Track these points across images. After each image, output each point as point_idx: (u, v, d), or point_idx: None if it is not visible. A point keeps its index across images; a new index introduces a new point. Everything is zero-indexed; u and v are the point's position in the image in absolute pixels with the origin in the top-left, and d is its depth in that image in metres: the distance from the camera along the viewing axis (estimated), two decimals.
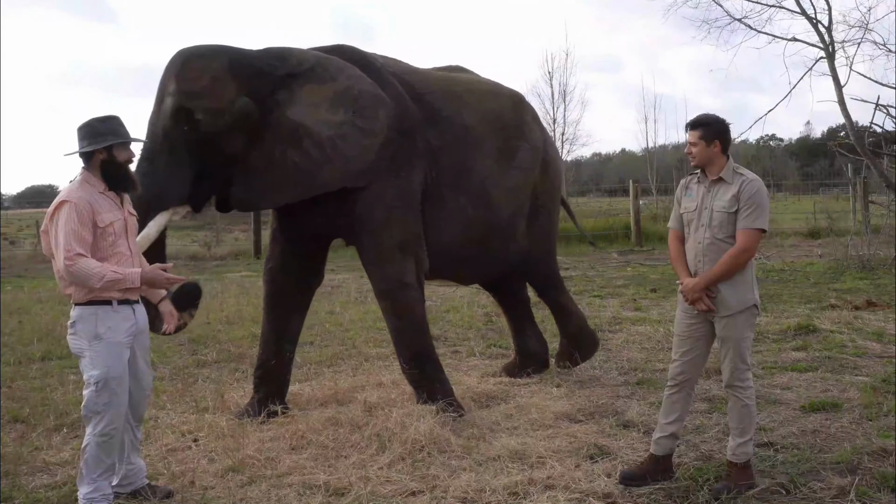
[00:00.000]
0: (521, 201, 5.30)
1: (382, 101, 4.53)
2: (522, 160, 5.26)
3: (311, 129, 4.35)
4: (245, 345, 6.95)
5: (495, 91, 5.43)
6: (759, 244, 3.41)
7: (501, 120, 5.22)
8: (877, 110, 11.51)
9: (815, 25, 12.98)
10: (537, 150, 5.42)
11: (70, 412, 4.82)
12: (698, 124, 3.50)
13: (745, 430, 3.45)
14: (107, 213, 3.32)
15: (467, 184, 4.93)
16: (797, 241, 16.41)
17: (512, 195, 5.18)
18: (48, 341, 7.17)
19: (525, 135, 5.34)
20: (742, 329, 3.43)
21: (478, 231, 5.00)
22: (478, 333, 7.30)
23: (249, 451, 3.99)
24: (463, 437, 4.15)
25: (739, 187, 3.41)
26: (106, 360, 3.28)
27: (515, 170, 5.20)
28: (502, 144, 5.16)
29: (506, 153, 5.17)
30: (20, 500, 3.53)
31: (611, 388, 5.23)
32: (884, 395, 4.73)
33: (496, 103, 5.28)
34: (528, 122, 5.47)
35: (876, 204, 14.90)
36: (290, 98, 4.39)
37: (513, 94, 5.59)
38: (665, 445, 3.59)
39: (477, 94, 5.22)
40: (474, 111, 5.07)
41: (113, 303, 3.31)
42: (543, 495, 3.39)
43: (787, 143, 56.73)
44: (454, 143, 4.90)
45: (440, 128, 4.86)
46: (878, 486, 3.38)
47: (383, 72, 4.74)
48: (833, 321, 7.17)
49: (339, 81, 4.48)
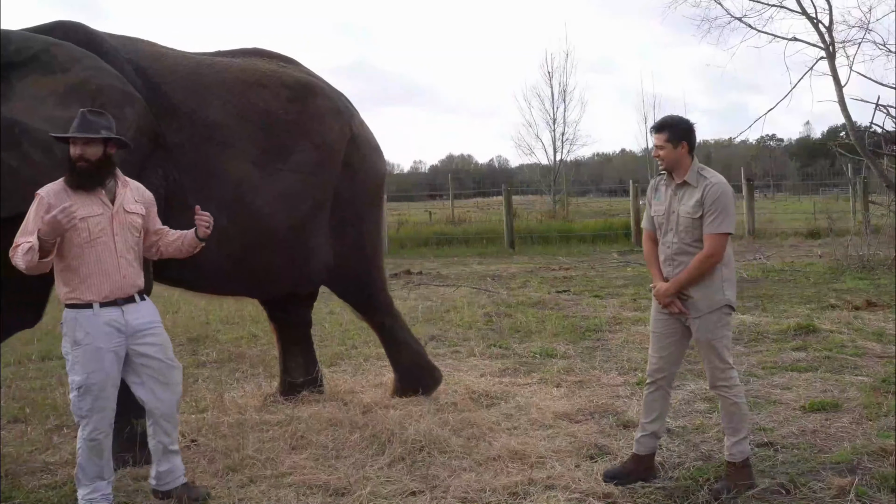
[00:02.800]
0: (305, 210, 4.54)
1: (130, 98, 3.93)
2: (299, 162, 4.49)
3: (31, 127, 3.64)
4: (244, 345, 6.95)
5: (266, 82, 4.56)
6: (725, 247, 3.41)
7: (268, 115, 4.46)
8: (877, 110, 11.53)
9: (815, 25, 13.01)
10: (328, 151, 4.64)
11: (70, 412, 4.81)
12: (664, 127, 3.49)
13: (738, 428, 3.46)
14: (83, 208, 3.20)
15: (217, 190, 4.20)
16: (797, 241, 16.41)
17: (286, 203, 4.43)
18: (48, 341, 7.16)
19: (307, 133, 4.56)
20: (715, 329, 3.44)
21: (238, 244, 4.28)
22: (478, 333, 7.30)
23: (249, 451, 3.99)
24: (463, 437, 4.16)
25: (703, 191, 3.40)
26: (85, 366, 3.22)
27: (288, 173, 4.45)
28: (268, 144, 4.42)
29: (273, 154, 4.43)
30: (20, 500, 3.54)
31: (611, 388, 5.22)
32: (884, 395, 4.72)
33: (263, 96, 4.49)
34: (314, 117, 4.63)
35: (876, 204, 14.90)
36: (9, 92, 3.71)
37: (295, 85, 4.66)
38: (647, 445, 3.61)
39: (235, 85, 4.44)
40: (226, 105, 4.34)
41: (94, 306, 3.23)
42: (543, 495, 3.39)
43: (787, 143, 56.76)
44: (195, 142, 4.21)
45: (178, 123, 4.18)
46: (877, 486, 3.38)
47: (114, 56, 4.08)
48: (833, 321, 7.17)
49: (72, 73, 3.84)
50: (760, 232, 17.31)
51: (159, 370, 3.38)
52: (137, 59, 4.22)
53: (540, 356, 6.26)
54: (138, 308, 3.37)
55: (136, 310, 3.35)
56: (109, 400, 3.27)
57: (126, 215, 3.35)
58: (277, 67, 4.75)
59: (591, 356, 6.19)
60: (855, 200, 17.84)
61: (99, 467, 3.30)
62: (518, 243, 17.21)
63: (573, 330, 7.25)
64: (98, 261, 3.25)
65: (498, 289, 10.40)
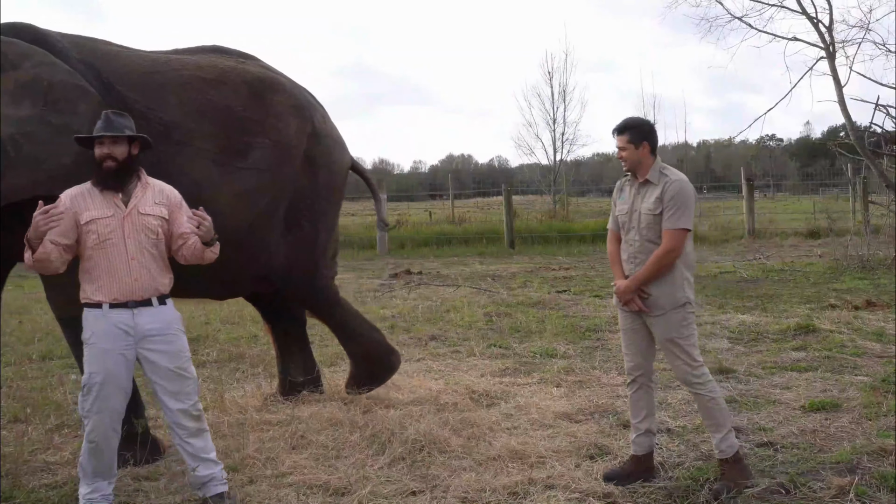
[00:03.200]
0: (261, 207, 4.47)
1: (84, 93, 3.88)
2: (259, 159, 4.43)
3: None
4: (244, 345, 6.95)
5: (225, 78, 4.48)
6: (684, 243, 3.43)
7: (227, 113, 4.38)
8: (877, 110, 11.50)
9: (815, 25, 12.99)
10: (287, 147, 4.57)
11: (70, 412, 4.82)
12: (625, 129, 3.53)
13: (721, 423, 3.46)
14: (92, 210, 3.24)
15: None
16: (797, 241, 16.41)
17: (243, 201, 4.36)
18: (48, 341, 7.18)
19: (266, 130, 4.49)
20: (680, 328, 3.45)
21: None
22: (478, 333, 7.30)
23: (249, 451, 3.99)
24: (463, 437, 4.16)
25: (663, 188, 3.44)
26: (90, 365, 3.24)
27: (247, 171, 4.39)
28: (226, 142, 4.35)
29: (231, 152, 4.36)
30: (20, 500, 3.54)
31: (611, 388, 5.23)
32: (884, 395, 4.73)
33: (223, 93, 4.41)
34: (275, 114, 4.56)
35: (876, 204, 14.90)
36: None
37: (255, 81, 4.59)
38: (643, 444, 3.62)
39: (193, 83, 4.36)
40: (182, 103, 4.26)
41: (103, 306, 3.24)
42: (543, 495, 3.39)
43: (786, 143, 56.79)
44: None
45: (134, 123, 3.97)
46: (877, 486, 3.38)
47: (65, 56, 4.01)
48: (833, 321, 7.17)
49: (22, 69, 3.78)
50: (760, 232, 17.31)
51: (166, 378, 3.34)
52: (91, 58, 4.14)
53: (540, 356, 6.27)
54: (153, 312, 3.32)
55: (150, 314, 3.31)
56: (110, 401, 3.24)
57: (140, 217, 3.33)
58: (237, 64, 4.67)
59: (591, 356, 6.20)
60: (855, 200, 17.85)
61: (99, 467, 3.29)
62: (518, 243, 17.22)
63: (573, 330, 7.26)
64: (108, 263, 3.26)
65: (498, 289, 10.40)
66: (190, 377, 3.42)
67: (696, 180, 33.65)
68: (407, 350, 6.59)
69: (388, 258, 15.42)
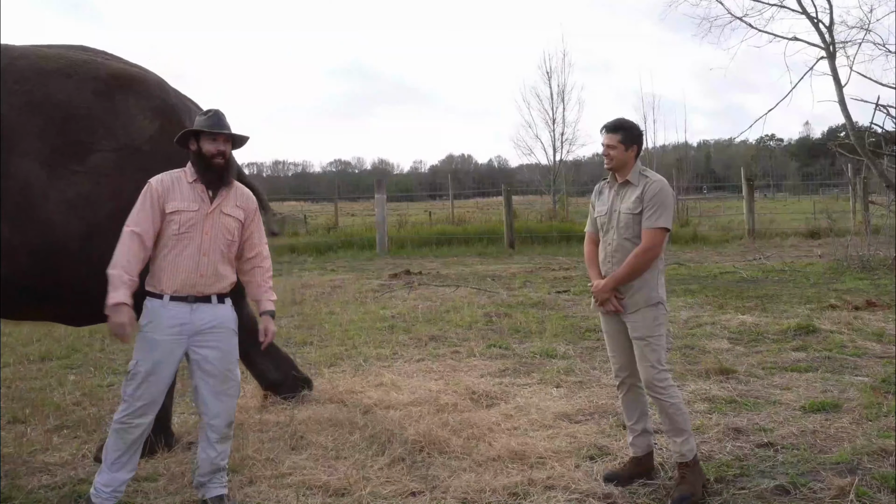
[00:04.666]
0: (102, 218, 3.87)
1: None
2: (99, 163, 3.93)
3: None
4: None
5: (72, 72, 4.04)
6: (663, 243, 3.45)
7: (66, 109, 3.94)
8: (877, 110, 11.53)
9: (815, 25, 13.00)
10: (134, 152, 4.01)
11: (70, 412, 4.82)
12: (619, 128, 3.53)
13: (682, 428, 3.45)
14: (179, 202, 3.27)
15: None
16: (797, 241, 16.42)
17: (76, 209, 3.85)
18: (48, 341, 7.17)
19: (113, 131, 4.00)
20: (652, 327, 3.45)
21: (25, 258, 3.76)
22: (478, 333, 7.30)
23: (249, 451, 3.99)
24: (463, 438, 4.16)
25: (643, 189, 3.46)
26: (139, 352, 3.25)
27: (83, 175, 3.89)
28: (61, 141, 3.89)
29: (67, 154, 3.89)
30: (20, 500, 3.53)
31: (610, 388, 5.22)
32: (884, 395, 4.73)
33: (64, 87, 3.98)
34: (123, 114, 4.06)
35: (876, 204, 14.91)
36: None
37: (108, 78, 4.11)
38: (641, 444, 3.63)
39: (28, 74, 3.94)
40: (15, 98, 3.85)
41: (164, 297, 3.26)
42: (543, 495, 3.39)
43: (786, 143, 56.81)
44: None
45: None
46: (878, 486, 3.38)
47: None
48: (833, 321, 7.17)
49: None
50: (760, 232, 17.31)
51: (212, 376, 3.32)
52: None
53: (540, 356, 6.26)
54: (211, 309, 3.32)
55: (208, 310, 3.31)
56: (151, 391, 3.22)
57: (222, 217, 3.35)
58: (94, 58, 4.23)
59: (591, 356, 6.19)
60: (855, 200, 17.85)
61: (119, 452, 3.24)
62: (518, 243, 17.21)
63: (573, 330, 7.26)
64: (179, 254, 3.27)
65: (498, 289, 10.39)
66: (234, 380, 3.41)
67: (696, 180, 33.65)
68: (407, 350, 6.59)
69: (387, 258, 15.42)
